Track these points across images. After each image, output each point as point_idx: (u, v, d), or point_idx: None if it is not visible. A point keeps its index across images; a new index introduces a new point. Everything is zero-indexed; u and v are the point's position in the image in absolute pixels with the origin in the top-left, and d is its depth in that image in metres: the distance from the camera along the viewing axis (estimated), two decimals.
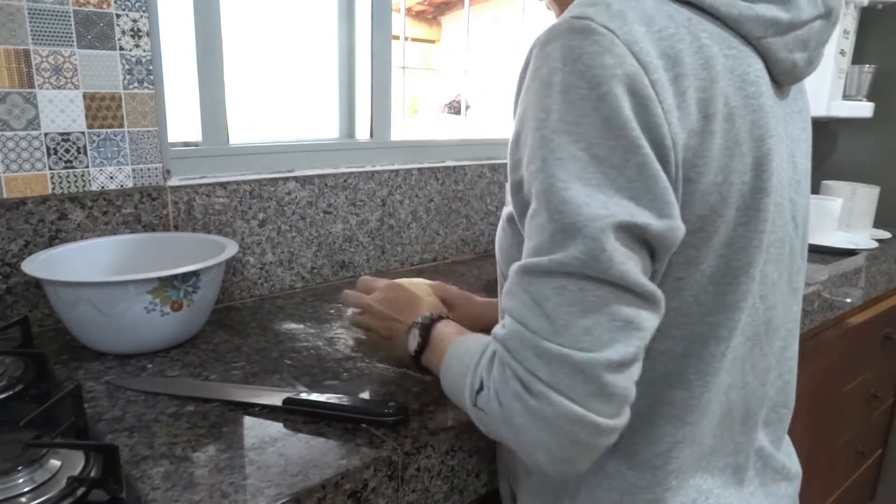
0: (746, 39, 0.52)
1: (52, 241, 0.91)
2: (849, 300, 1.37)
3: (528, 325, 0.46)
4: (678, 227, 0.47)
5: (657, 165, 0.46)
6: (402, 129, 1.49)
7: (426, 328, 0.67)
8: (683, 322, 0.52)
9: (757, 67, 0.52)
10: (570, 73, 0.46)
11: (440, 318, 0.68)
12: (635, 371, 0.46)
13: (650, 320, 0.46)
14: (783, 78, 0.55)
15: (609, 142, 0.45)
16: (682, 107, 0.47)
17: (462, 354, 0.58)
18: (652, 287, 0.46)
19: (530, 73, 0.50)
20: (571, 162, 0.46)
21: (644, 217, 0.45)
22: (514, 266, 0.48)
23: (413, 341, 0.69)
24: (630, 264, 0.45)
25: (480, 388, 0.51)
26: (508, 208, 0.57)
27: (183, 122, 1.09)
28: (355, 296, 0.79)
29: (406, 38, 1.48)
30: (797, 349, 0.66)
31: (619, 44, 0.45)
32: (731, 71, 0.49)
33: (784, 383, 0.65)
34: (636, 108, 0.45)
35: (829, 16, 0.56)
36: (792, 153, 0.58)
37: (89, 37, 0.90)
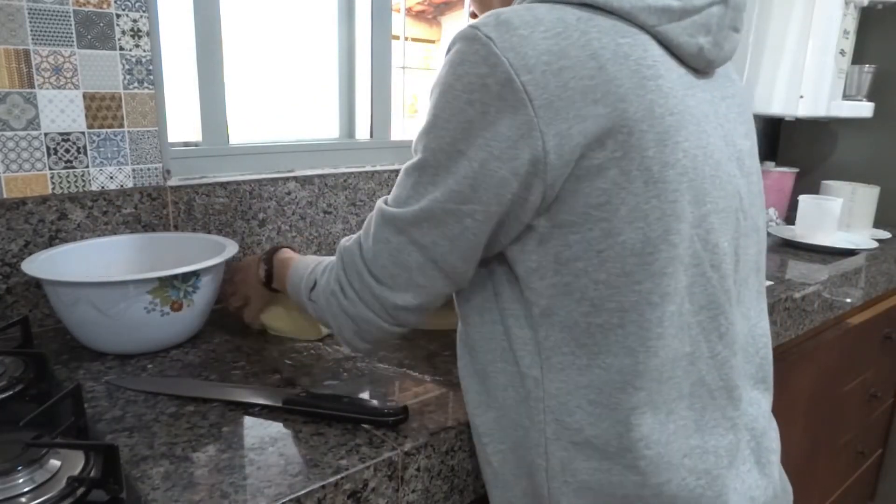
0: (643, 29, 0.55)
1: (52, 241, 0.91)
2: (849, 300, 1.37)
3: (362, 250, 0.62)
4: (506, 213, 0.56)
5: (499, 163, 0.53)
6: (402, 129, 1.49)
7: (269, 255, 0.85)
8: (614, 294, 0.55)
9: (655, 53, 0.55)
10: (452, 75, 0.55)
11: (278, 247, 0.86)
12: (420, 312, 0.63)
13: (444, 287, 0.61)
14: (695, 62, 0.59)
15: (467, 138, 0.54)
16: (563, 96, 0.51)
17: (299, 269, 0.75)
18: (453, 268, 0.59)
19: (442, 65, 0.58)
20: (438, 151, 0.56)
21: (472, 205, 0.55)
22: (379, 204, 0.62)
23: (261, 271, 0.85)
24: (443, 242, 0.58)
25: (314, 286, 0.69)
26: None
27: (183, 122, 1.09)
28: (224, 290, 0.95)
29: (406, 38, 1.48)
30: (768, 328, 0.69)
31: (495, 52, 0.52)
32: (626, 56, 0.53)
33: (761, 359, 0.67)
34: (503, 108, 0.52)
35: (726, 1, 0.59)
36: (727, 134, 0.61)
37: (89, 37, 0.90)
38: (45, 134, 0.89)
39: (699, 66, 0.59)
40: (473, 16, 0.73)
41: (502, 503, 0.65)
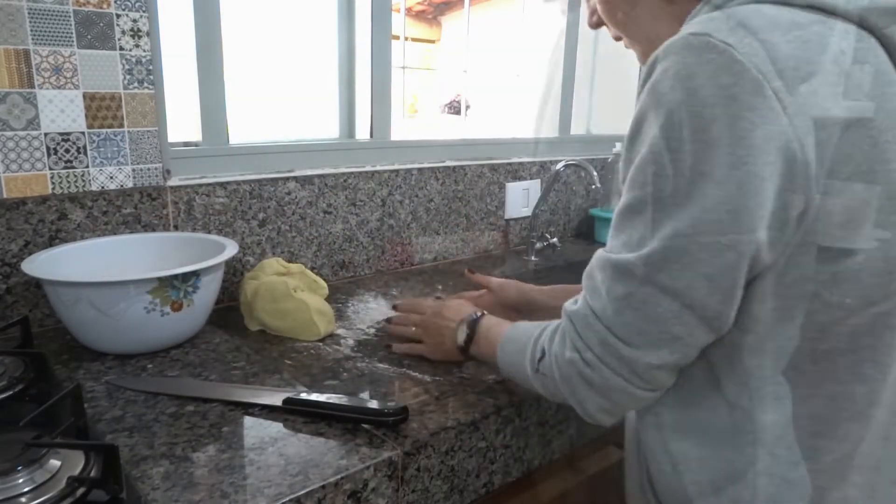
0: (871, 32, 0.51)
1: (52, 241, 0.91)
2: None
3: (595, 311, 0.55)
4: (767, 243, 0.49)
5: (759, 181, 0.47)
6: (402, 129, 1.49)
7: (474, 322, 0.77)
8: (848, 317, 0.51)
9: (882, 58, 0.51)
10: (682, 91, 0.48)
11: (483, 314, 0.79)
12: (675, 372, 0.55)
13: (704, 336, 0.53)
14: None
15: (714, 159, 0.48)
16: (815, 104, 0.47)
17: (517, 336, 0.68)
18: (715, 311, 0.51)
19: (649, 84, 0.52)
20: (678, 177, 0.49)
21: (733, 235, 0.48)
22: (601, 254, 0.55)
23: (461, 335, 0.78)
24: (700, 284, 0.50)
25: (542, 356, 0.61)
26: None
27: (183, 122, 1.09)
28: (403, 317, 0.91)
29: (406, 38, 1.48)
30: None
31: (737, 59, 0.47)
32: (864, 62, 0.50)
33: None
34: (755, 120, 0.47)
35: None
36: None
37: (89, 37, 0.90)
38: (45, 134, 0.89)
39: None
40: (617, 38, 0.68)
41: None
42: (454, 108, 1.77)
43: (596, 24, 0.69)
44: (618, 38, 0.68)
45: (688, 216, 0.49)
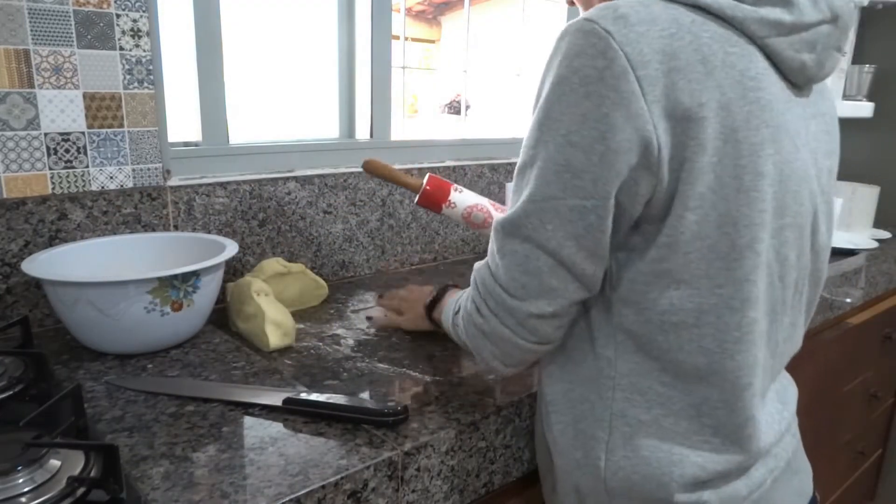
0: (752, 40, 0.56)
1: (52, 241, 0.91)
2: (849, 300, 1.37)
3: (490, 268, 0.62)
4: (619, 208, 0.56)
5: (619, 156, 0.53)
6: (402, 129, 1.49)
7: (443, 288, 0.85)
8: (694, 296, 0.57)
9: (760, 66, 0.56)
10: (566, 67, 0.54)
11: (455, 285, 0.85)
12: (554, 321, 0.61)
13: (577, 292, 0.59)
14: (795, 77, 0.60)
15: (583, 131, 0.54)
16: (671, 96, 0.52)
17: (452, 299, 0.77)
18: (583, 269, 0.58)
19: (547, 60, 0.58)
20: (552, 144, 0.55)
21: (595, 200, 0.55)
22: (495, 221, 0.61)
23: (428, 298, 0.85)
24: (570, 243, 0.56)
25: (458, 311, 0.70)
26: None
27: (183, 122, 1.09)
28: (391, 294, 0.99)
29: (406, 38, 1.48)
30: (801, 336, 0.71)
31: (613, 46, 0.52)
32: (732, 66, 0.54)
33: (782, 365, 0.70)
34: (619, 101, 0.52)
35: (835, 21, 0.59)
36: (814, 151, 0.63)
37: (89, 37, 0.90)
38: (45, 134, 0.89)
39: (799, 81, 0.60)
40: (571, 3, 0.75)
41: (552, 471, 0.69)
42: (454, 108, 1.77)
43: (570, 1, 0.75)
44: (571, 3, 0.75)
45: (560, 181, 0.55)
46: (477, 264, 0.66)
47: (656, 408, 0.60)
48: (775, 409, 0.67)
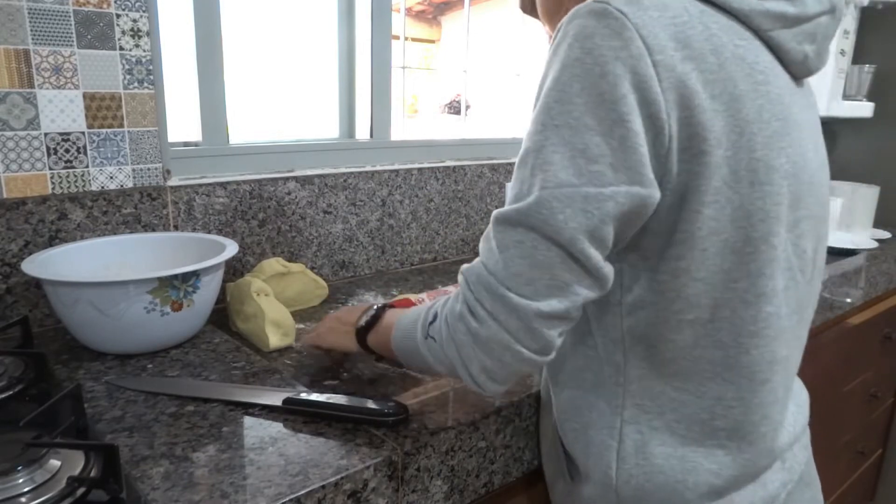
0: (756, 33, 0.56)
1: (52, 241, 0.91)
2: (849, 300, 1.37)
3: (487, 266, 0.55)
4: (650, 196, 0.52)
5: (640, 139, 0.51)
6: (402, 129, 1.49)
7: (380, 309, 0.73)
8: (709, 291, 0.56)
9: (765, 59, 0.56)
10: (579, 49, 0.51)
11: (392, 305, 0.75)
12: (562, 325, 0.54)
13: (588, 290, 0.54)
14: (797, 69, 0.60)
15: (600, 113, 0.51)
16: (686, 84, 0.51)
17: (410, 314, 0.66)
18: (597, 263, 0.53)
19: (552, 47, 0.55)
20: (565, 128, 0.52)
21: (614, 186, 0.51)
22: (495, 212, 0.56)
23: (363, 318, 0.74)
24: (582, 235, 0.51)
25: (434, 319, 0.60)
26: None
27: (183, 122, 1.09)
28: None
29: (406, 38, 1.48)
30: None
31: (629, 27, 0.50)
32: (742, 59, 0.54)
33: (798, 358, 0.68)
34: (635, 84, 0.50)
35: (833, 11, 0.60)
36: (816, 142, 0.63)
37: (89, 37, 0.90)
38: (45, 134, 0.89)
39: (800, 73, 0.61)
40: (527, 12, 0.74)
41: (563, 478, 0.68)
42: (454, 108, 1.77)
43: (526, 8, 0.76)
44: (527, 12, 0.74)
45: (574, 166, 0.51)
46: (464, 266, 0.59)
47: (668, 413, 0.59)
48: (790, 410, 0.66)
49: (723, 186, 0.53)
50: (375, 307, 0.74)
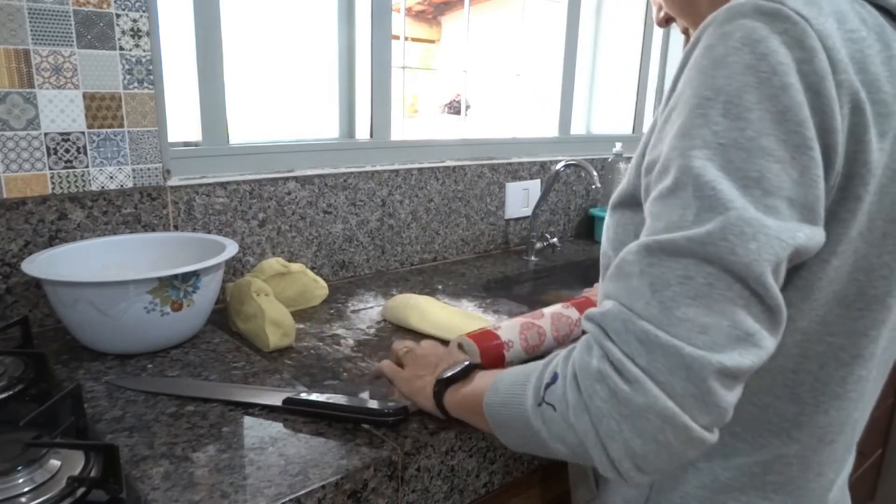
0: None
1: (52, 241, 0.91)
2: None
3: (634, 309, 0.42)
4: (820, 237, 0.44)
5: (820, 171, 0.42)
6: (402, 129, 1.49)
7: (470, 366, 0.62)
8: (804, 341, 0.49)
9: None
10: (750, 54, 0.42)
11: (478, 364, 0.65)
12: (740, 390, 0.42)
13: (769, 341, 0.42)
14: None
15: (780, 135, 0.41)
16: (858, 116, 0.44)
17: (512, 372, 0.53)
18: (780, 300, 0.42)
19: (700, 50, 0.45)
20: (734, 149, 0.42)
21: (794, 222, 0.42)
22: (635, 244, 0.44)
23: (449, 370, 0.63)
24: (767, 266, 0.40)
25: (552, 381, 0.46)
26: (621, 194, 0.55)
27: (183, 122, 1.09)
28: (389, 365, 0.73)
29: (406, 38, 1.48)
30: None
31: (811, 35, 0.42)
32: None
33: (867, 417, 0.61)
34: (817, 107, 0.42)
35: None
36: None
37: (89, 37, 0.90)
38: (45, 134, 0.89)
39: None
40: (685, 31, 0.63)
41: (587, 484, 0.63)
42: (454, 108, 1.77)
43: (664, 21, 0.64)
44: (685, 31, 0.63)
45: (747, 197, 0.41)
46: (590, 311, 0.45)
47: (716, 459, 0.53)
48: (846, 466, 0.61)
49: (857, 237, 0.46)
50: (467, 362, 0.62)
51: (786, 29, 0.42)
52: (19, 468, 0.52)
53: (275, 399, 0.70)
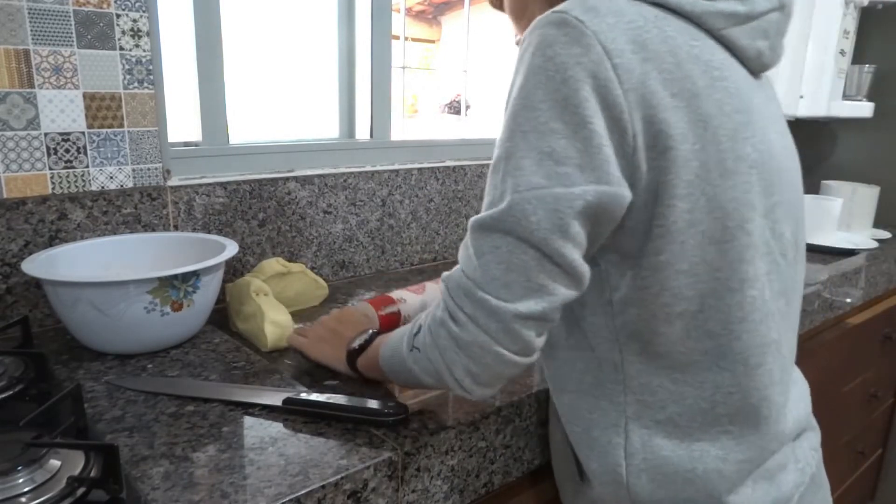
0: (710, 33, 0.59)
1: (52, 241, 0.91)
2: (849, 300, 1.37)
3: (466, 272, 0.56)
4: (618, 194, 0.54)
5: (604, 140, 0.53)
6: (402, 129, 1.49)
7: (374, 334, 0.74)
8: (694, 282, 0.57)
9: (721, 56, 0.58)
10: (540, 57, 0.54)
11: (380, 332, 0.75)
12: (540, 326, 0.56)
13: (566, 290, 0.55)
14: (752, 65, 0.62)
15: (564, 117, 0.53)
16: (646, 85, 0.53)
17: (397, 332, 0.67)
18: (572, 262, 0.54)
19: (518, 57, 0.57)
20: (532, 133, 0.54)
21: (582, 186, 0.53)
22: (472, 220, 0.57)
23: (357, 341, 0.74)
24: (556, 235, 0.53)
25: (418, 331, 0.61)
26: None
27: (183, 122, 1.09)
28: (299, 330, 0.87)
29: (406, 38, 1.48)
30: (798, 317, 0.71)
31: (587, 34, 0.53)
32: (697, 58, 0.56)
33: (792, 343, 0.69)
34: (596, 88, 0.53)
35: (783, 8, 0.63)
36: (780, 131, 0.65)
37: (89, 37, 0.90)
38: (45, 134, 0.89)
39: (756, 68, 0.63)
40: (498, 7, 0.76)
41: (571, 480, 0.70)
42: (454, 108, 1.77)
43: (494, 3, 0.77)
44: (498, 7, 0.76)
45: (542, 169, 0.53)
46: (444, 274, 0.60)
47: (670, 406, 0.60)
48: (792, 395, 0.67)
49: (695, 179, 0.55)
50: (371, 332, 0.74)
51: (567, 32, 0.53)
52: (19, 468, 0.52)
53: (275, 399, 0.70)
